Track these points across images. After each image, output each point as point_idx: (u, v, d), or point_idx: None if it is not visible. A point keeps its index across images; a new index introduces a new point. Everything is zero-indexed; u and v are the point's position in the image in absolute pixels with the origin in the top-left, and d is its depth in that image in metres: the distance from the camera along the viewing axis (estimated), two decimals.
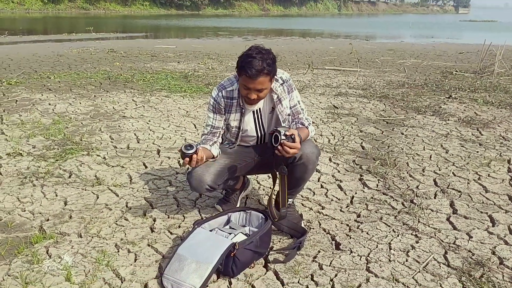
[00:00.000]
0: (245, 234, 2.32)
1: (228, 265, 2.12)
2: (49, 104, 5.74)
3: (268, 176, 3.45)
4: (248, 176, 3.09)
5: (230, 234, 2.29)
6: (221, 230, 2.35)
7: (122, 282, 2.12)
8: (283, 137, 2.30)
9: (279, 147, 2.30)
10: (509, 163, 3.87)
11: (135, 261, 2.29)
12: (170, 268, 2.09)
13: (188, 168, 2.62)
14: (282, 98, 2.56)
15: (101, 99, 6.14)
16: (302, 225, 2.67)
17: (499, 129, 4.93)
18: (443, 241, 2.55)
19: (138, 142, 4.29)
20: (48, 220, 2.73)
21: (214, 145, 2.57)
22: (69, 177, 3.40)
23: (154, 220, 2.75)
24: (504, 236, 2.62)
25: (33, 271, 2.18)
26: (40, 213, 2.81)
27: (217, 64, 10.09)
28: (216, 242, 2.19)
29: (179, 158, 3.83)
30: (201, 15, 63.09)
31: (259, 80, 2.31)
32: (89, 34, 19.21)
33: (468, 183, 3.42)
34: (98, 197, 3.05)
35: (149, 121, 5.06)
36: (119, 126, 4.83)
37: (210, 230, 2.34)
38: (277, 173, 2.50)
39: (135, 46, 14.04)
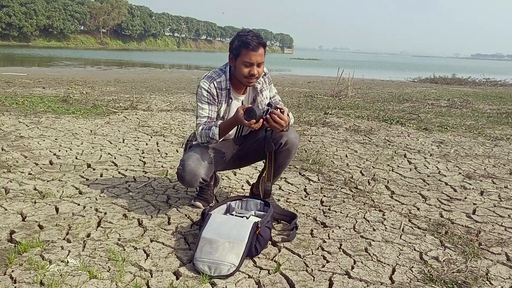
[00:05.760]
0: (256, 216, 2.42)
1: (252, 244, 2.20)
2: None
3: (229, 177, 3.55)
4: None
5: (242, 217, 2.37)
6: (232, 214, 2.40)
7: (151, 273, 2.03)
8: (272, 109, 2.39)
9: (268, 116, 2.38)
10: (406, 157, 4.61)
11: (148, 256, 2.20)
12: (201, 251, 2.08)
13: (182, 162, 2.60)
14: (263, 89, 2.74)
15: None
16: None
17: (380, 135, 5.79)
18: (401, 213, 2.99)
19: (59, 158, 3.95)
20: (15, 232, 2.41)
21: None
22: (7, 193, 3.01)
23: (139, 220, 2.64)
24: (440, 206, 3.18)
25: (44, 275, 1.94)
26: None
27: (90, 90, 9.60)
28: (239, 222, 2.25)
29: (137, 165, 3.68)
30: (32, 46, 58.28)
31: (260, 52, 2.48)
32: None
33: (387, 172, 4.00)
34: (58, 208, 2.78)
35: (56, 139, 4.67)
36: (24, 145, 4.36)
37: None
38: (266, 152, 2.62)
39: None
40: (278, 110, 2.41)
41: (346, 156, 4.51)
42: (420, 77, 20.94)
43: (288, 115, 2.49)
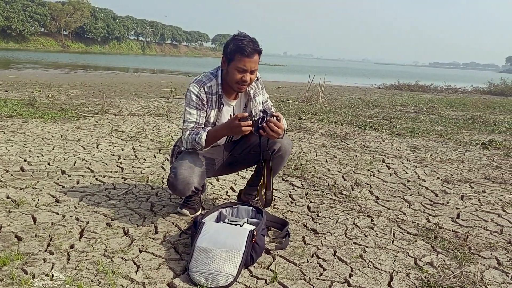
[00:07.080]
0: (250, 224, 2.35)
1: (248, 253, 2.13)
2: None
3: (212, 184, 3.46)
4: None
5: (236, 225, 2.29)
6: (225, 222, 2.32)
7: (144, 286, 1.92)
8: (269, 118, 2.32)
9: (264, 124, 2.30)
10: (384, 162, 4.65)
11: (138, 268, 2.09)
12: (197, 261, 1.99)
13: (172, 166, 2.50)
14: (256, 94, 2.68)
15: None
16: None
17: (356, 140, 5.83)
18: (389, 218, 2.98)
19: (31, 165, 3.75)
20: None
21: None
22: None
23: (125, 229, 2.52)
24: (424, 211, 3.19)
25: None
26: None
27: (56, 93, 9.26)
28: (234, 231, 2.17)
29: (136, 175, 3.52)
30: None
31: (254, 59, 2.41)
32: None
33: (369, 177, 4.01)
34: (35, 218, 2.61)
35: (25, 144, 4.45)
36: None
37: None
38: (263, 161, 2.56)
39: None
40: (274, 117, 2.35)
41: (327, 161, 4.50)
42: (385, 84, 21.42)
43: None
